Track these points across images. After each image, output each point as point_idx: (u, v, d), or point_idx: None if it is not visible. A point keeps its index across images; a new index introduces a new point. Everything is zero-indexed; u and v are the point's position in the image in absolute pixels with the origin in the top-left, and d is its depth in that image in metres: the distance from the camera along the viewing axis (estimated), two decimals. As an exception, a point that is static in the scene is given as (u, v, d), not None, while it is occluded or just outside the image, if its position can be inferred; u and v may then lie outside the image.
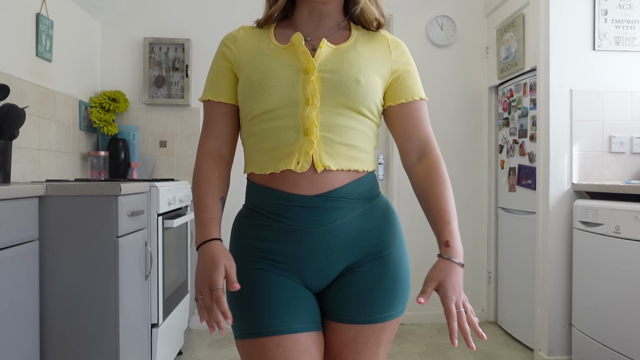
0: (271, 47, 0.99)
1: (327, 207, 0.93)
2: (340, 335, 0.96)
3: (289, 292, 0.93)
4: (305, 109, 0.93)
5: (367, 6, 1.00)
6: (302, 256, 0.94)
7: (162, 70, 3.15)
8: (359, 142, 0.96)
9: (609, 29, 2.53)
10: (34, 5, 2.33)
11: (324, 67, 0.94)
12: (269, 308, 0.91)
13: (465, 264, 3.35)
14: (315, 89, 0.93)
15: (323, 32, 1.01)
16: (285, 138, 0.93)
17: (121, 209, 1.71)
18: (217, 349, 2.81)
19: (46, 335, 1.64)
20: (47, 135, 2.46)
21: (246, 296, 0.93)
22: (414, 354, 2.73)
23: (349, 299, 0.95)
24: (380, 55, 1.00)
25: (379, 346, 0.97)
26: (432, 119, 3.31)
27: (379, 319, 0.96)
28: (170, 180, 2.50)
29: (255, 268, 0.95)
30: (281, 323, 0.90)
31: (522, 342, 2.87)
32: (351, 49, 0.99)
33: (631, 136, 2.53)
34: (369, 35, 1.04)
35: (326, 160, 0.93)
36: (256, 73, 0.95)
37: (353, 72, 0.95)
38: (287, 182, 0.93)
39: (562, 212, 2.50)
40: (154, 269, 2.10)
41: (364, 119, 0.97)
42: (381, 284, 0.96)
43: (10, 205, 1.44)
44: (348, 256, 0.95)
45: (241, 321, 0.93)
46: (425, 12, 3.31)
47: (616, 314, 2.10)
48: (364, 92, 0.95)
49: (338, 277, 0.97)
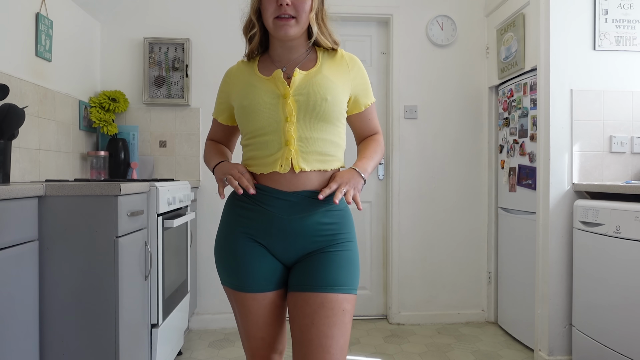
0: (256, 79, 1.27)
1: (297, 202, 1.23)
2: (309, 302, 1.19)
3: (262, 261, 1.25)
4: (285, 125, 1.22)
5: (320, 38, 1.27)
6: (273, 234, 1.24)
7: (162, 70, 3.14)
8: (327, 149, 1.25)
9: (609, 28, 2.53)
10: (34, 5, 2.33)
11: (297, 91, 1.22)
12: (249, 272, 1.25)
13: (465, 264, 3.35)
14: (292, 109, 1.21)
15: (294, 59, 1.28)
16: (271, 148, 1.23)
17: (121, 209, 1.71)
18: (217, 349, 2.80)
19: (46, 335, 1.63)
20: (47, 135, 2.45)
21: (232, 257, 1.27)
22: (414, 354, 2.72)
23: (315, 273, 1.21)
24: (341, 74, 1.28)
25: (345, 314, 1.20)
26: (432, 119, 3.31)
27: (340, 289, 1.20)
28: (170, 180, 2.50)
29: (240, 237, 1.27)
30: (256, 286, 1.25)
31: (523, 342, 2.86)
32: (318, 73, 1.25)
33: (631, 136, 2.53)
34: (330, 55, 1.31)
35: (302, 164, 1.23)
36: (247, 99, 1.25)
37: (321, 92, 1.22)
38: (272, 180, 1.24)
39: (563, 212, 2.50)
40: (154, 269, 2.10)
41: (332, 127, 1.25)
42: (339, 264, 1.22)
43: (10, 206, 1.44)
44: (309, 242, 1.23)
45: (228, 273, 1.28)
46: (425, 12, 3.31)
47: (617, 314, 2.10)
48: (331, 107, 1.23)
49: (305, 256, 1.24)
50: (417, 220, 3.32)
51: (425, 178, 3.32)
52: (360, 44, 3.38)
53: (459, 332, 3.12)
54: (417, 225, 3.32)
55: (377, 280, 3.39)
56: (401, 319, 3.29)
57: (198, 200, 3.17)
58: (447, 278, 3.34)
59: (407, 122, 3.30)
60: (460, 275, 3.35)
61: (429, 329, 3.18)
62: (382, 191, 3.39)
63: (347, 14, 3.25)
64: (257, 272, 1.24)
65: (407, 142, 3.31)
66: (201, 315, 3.18)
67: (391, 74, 3.30)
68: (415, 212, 3.31)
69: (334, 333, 1.17)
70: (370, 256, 3.39)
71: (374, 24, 3.38)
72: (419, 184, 3.31)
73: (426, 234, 3.33)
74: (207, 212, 3.18)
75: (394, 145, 3.29)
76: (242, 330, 1.31)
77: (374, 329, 3.18)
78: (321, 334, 1.17)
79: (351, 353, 2.72)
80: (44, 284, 1.63)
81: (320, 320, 1.17)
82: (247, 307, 1.26)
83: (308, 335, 1.18)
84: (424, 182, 3.32)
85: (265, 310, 1.26)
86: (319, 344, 1.16)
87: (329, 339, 1.17)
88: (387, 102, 3.36)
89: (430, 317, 3.31)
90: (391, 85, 3.30)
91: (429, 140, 3.32)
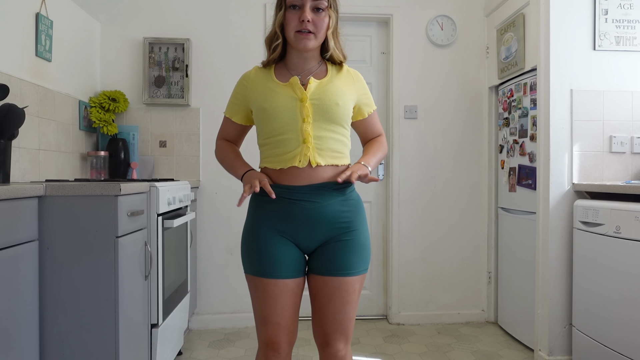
0: (274, 84, 1.43)
1: (316, 193, 1.40)
2: (328, 285, 1.41)
3: (285, 250, 1.41)
4: (302, 125, 1.39)
5: (334, 52, 1.47)
6: (296, 222, 1.40)
7: (162, 70, 3.14)
8: (338, 146, 1.44)
9: (609, 28, 2.53)
10: (34, 5, 2.33)
11: (313, 96, 1.41)
12: (272, 262, 1.39)
13: (465, 264, 3.35)
14: (309, 111, 1.39)
15: (308, 69, 1.46)
16: (290, 146, 1.40)
17: (121, 209, 1.71)
18: (217, 349, 2.80)
19: (46, 335, 1.63)
20: (47, 135, 2.45)
21: (257, 251, 1.42)
22: (414, 354, 2.72)
23: (333, 259, 1.41)
24: (348, 86, 1.48)
25: (355, 292, 1.44)
26: (432, 119, 3.31)
27: (355, 272, 1.42)
28: (170, 180, 2.50)
29: (265, 228, 1.42)
30: (277, 272, 1.40)
31: (523, 342, 2.86)
32: (329, 82, 1.45)
33: (632, 136, 2.53)
34: (338, 69, 1.50)
35: (318, 159, 1.40)
36: (267, 102, 1.41)
37: (333, 98, 1.41)
38: (291, 174, 1.40)
39: (563, 212, 2.50)
40: (154, 269, 2.10)
41: (342, 129, 1.44)
42: (353, 250, 1.42)
43: (10, 206, 1.44)
44: (328, 229, 1.41)
45: (252, 261, 1.42)
46: (425, 12, 3.31)
47: (617, 314, 2.10)
48: (341, 111, 1.42)
49: (323, 244, 1.42)
50: (417, 220, 3.32)
51: (425, 178, 3.32)
52: (360, 44, 3.38)
53: (459, 332, 3.12)
54: (417, 225, 3.32)
55: (377, 280, 3.39)
56: (401, 319, 3.29)
57: (198, 200, 3.17)
58: (447, 278, 3.34)
59: (407, 122, 3.30)
60: (460, 275, 3.35)
61: (429, 329, 3.18)
62: (382, 191, 3.39)
63: (347, 14, 3.25)
64: (280, 260, 1.40)
65: (407, 142, 3.31)
66: (201, 315, 3.18)
67: (391, 74, 3.30)
68: (415, 212, 3.31)
69: (346, 309, 1.43)
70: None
71: (374, 24, 3.38)
72: (419, 184, 3.31)
73: (426, 233, 3.33)
74: (207, 212, 3.18)
75: (394, 145, 3.29)
76: (259, 316, 1.43)
77: (374, 329, 3.18)
78: (336, 310, 1.42)
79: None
80: (44, 284, 1.63)
81: (336, 299, 1.41)
82: (267, 293, 1.40)
83: (325, 310, 1.42)
84: (424, 182, 3.32)
85: (285, 296, 1.40)
86: (334, 318, 1.42)
87: (342, 314, 1.42)
88: (387, 102, 3.36)
89: (430, 317, 3.31)
90: (391, 85, 3.30)
91: (429, 140, 3.32)
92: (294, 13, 1.39)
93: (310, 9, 1.37)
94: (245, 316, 3.20)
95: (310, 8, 1.38)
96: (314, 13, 1.38)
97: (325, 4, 1.39)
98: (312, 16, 1.38)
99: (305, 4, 1.37)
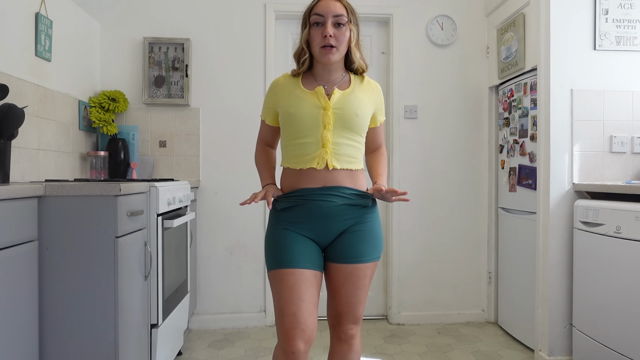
0: (301, 92, 1.56)
1: (331, 194, 1.53)
2: (342, 272, 1.55)
3: (303, 244, 1.53)
4: (323, 131, 1.52)
5: (360, 64, 1.60)
6: (315, 221, 1.53)
7: (162, 70, 3.14)
8: (353, 152, 1.57)
9: (609, 28, 2.52)
10: (33, 4, 2.32)
11: (335, 106, 1.53)
12: (290, 253, 1.51)
13: (465, 264, 3.35)
14: (330, 119, 1.52)
15: (333, 80, 1.59)
16: (310, 149, 1.53)
17: (120, 209, 1.71)
18: (217, 349, 2.80)
19: (45, 335, 1.63)
20: (47, 135, 2.45)
21: (277, 247, 1.54)
22: (414, 354, 2.72)
23: (346, 248, 1.54)
24: (369, 96, 1.61)
25: (366, 278, 1.57)
26: (432, 119, 3.31)
27: (366, 260, 1.55)
28: (169, 180, 2.50)
29: (285, 227, 1.55)
30: (295, 262, 1.50)
31: (523, 343, 2.86)
32: (352, 93, 1.57)
33: (632, 136, 2.53)
34: (359, 80, 1.63)
35: (334, 163, 1.53)
36: (292, 107, 1.54)
37: (353, 109, 1.54)
38: (309, 175, 1.53)
39: (563, 212, 2.49)
40: (154, 269, 2.09)
41: (358, 137, 1.57)
42: (364, 238, 1.55)
43: (10, 206, 1.44)
44: (343, 223, 1.55)
45: (273, 257, 1.54)
46: (426, 12, 3.31)
47: (617, 315, 2.10)
48: (360, 122, 1.55)
49: (338, 236, 1.55)
50: (417, 220, 3.32)
51: (425, 178, 3.32)
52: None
53: (459, 332, 3.11)
54: (417, 225, 3.32)
55: (377, 280, 3.39)
56: (401, 319, 3.29)
57: (198, 200, 3.16)
58: (447, 278, 3.34)
59: (407, 122, 3.30)
60: (460, 275, 3.34)
61: (429, 329, 3.18)
62: (382, 191, 3.39)
63: (347, 13, 3.25)
64: (298, 252, 1.52)
65: (407, 142, 3.30)
66: (201, 315, 3.18)
67: (391, 74, 3.30)
68: (415, 212, 3.31)
69: (358, 293, 1.56)
70: (370, 256, 3.38)
71: (374, 23, 3.38)
72: (419, 184, 3.31)
73: (426, 234, 3.33)
74: (207, 212, 3.18)
75: (394, 145, 3.29)
76: (278, 309, 1.51)
77: (374, 329, 3.18)
78: (348, 294, 1.56)
79: (351, 353, 2.72)
80: (44, 284, 1.63)
81: (349, 284, 1.55)
82: (285, 282, 1.49)
83: (339, 294, 1.57)
84: (424, 182, 3.32)
85: (301, 285, 1.48)
86: (347, 302, 1.56)
87: (354, 297, 1.56)
88: (387, 102, 3.36)
89: (430, 317, 3.31)
90: (391, 85, 3.30)
91: (429, 140, 3.32)
92: (317, 30, 1.52)
93: (331, 25, 1.51)
94: (245, 316, 3.20)
95: (332, 24, 1.51)
96: (335, 28, 1.51)
97: (345, 19, 1.52)
98: (333, 31, 1.50)
99: (327, 21, 1.51)
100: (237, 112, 3.19)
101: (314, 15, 1.52)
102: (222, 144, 3.20)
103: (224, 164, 3.19)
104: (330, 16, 1.51)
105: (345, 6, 1.54)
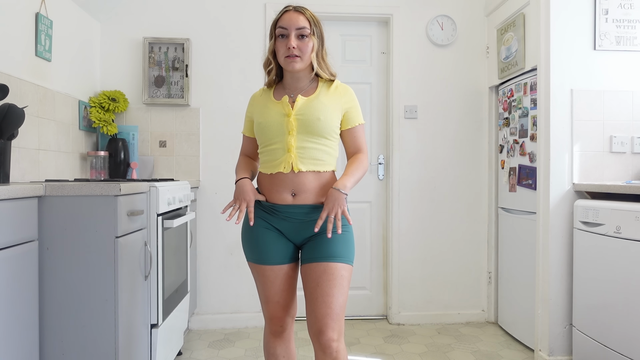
0: (271, 102, 1.68)
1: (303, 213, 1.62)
2: (315, 270, 1.57)
3: (277, 240, 1.64)
4: (287, 137, 1.61)
5: (319, 71, 1.66)
6: (283, 219, 1.63)
7: (162, 70, 3.14)
8: (319, 155, 1.63)
9: (609, 28, 2.52)
10: (34, 4, 2.32)
11: (298, 112, 1.62)
12: (267, 250, 1.64)
13: (465, 264, 3.35)
14: (293, 125, 1.60)
15: (300, 88, 1.68)
16: (277, 154, 1.62)
17: (120, 209, 1.71)
18: (217, 349, 2.80)
19: (45, 335, 1.63)
20: (47, 135, 2.45)
21: (254, 239, 1.66)
22: (414, 354, 2.72)
23: (319, 248, 1.59)
24: (335, 100, 1.66)
25: (342, 279, 1.56)
26: (432, 119, 3.31)
27: (339, 259, 1.57)
28: (170, 180, 2.50)
29: (261, 227, 1.65)
30: (273, 259, 1.64)
31: (523, 343, 2.86)
32: (315, 99, 1.64)
33: (632, 136, 2.53)
34: (328, 85, 1.69)
35: (300, 166, 1.61)
36: (262, 117, 1.66)
37: (315, 113, 1.61)
38: (279, 179, 1.62)
39: (563, 212, 2.49)
40: (154, 269, 2.09)
41: (325, 140, 1.63)
42: (337, 242, 1.58)
43: (10, 206, 1.44)
44: (311, 226, 1.60)
45: (252, 251, 1.66)
46: (426, 12, 3.31)
47: (617, 315, 2.10)
48: (323, 124, 1.61)
49: (311, 237, 1.61)
50: (417, 220, 3.32)
51: (425, 178, 3.32)
52: (360, 44, 3.38)
53: (459, 332, 3.11)
54: (417, 225, 3.32)
55: (377, 280, 3.39)
56: (401, 319, 3.29)
57: (198, 200, 3.16)
58: (447, 278, 3.34)
59: (407, 122, 3.30)
60: (460, 276, 3.34)
61: (429, 329, 3.18)
62: (382, 191, 3.39)
63: (347, 13, 3.25)
64: (274, 250, 1.63)
65: (407, 142, 3.30)
66: (201, 315, 3.18)
67: (391, 74, 3.30)
68: (415, 212, 3.31)
69: (334, 292, 1.54)
70: (370, 256, 3.39)
71: (374, 23, 3.38)
72: (419, 184, 3.31)
73: (426, 234, 3.33)
74: (207, 212, 3.18)
75: (394, 145, 3.29)
76: (262, 296, 1.68)
77: (374, 329, 3.18)
78: (324, 293, 1.54)
79: (351, 353, 2.72)
80: (44, 284, 1.63)
81: (323, 282, 1.55)
82: (266, 277, 1.65)
83: (314, 294, 1.56)
84: (424, 182, 3.32)
85: (281, 279, 1.64)
86: (323, 301, 1.54)
87: (330, 296, 1.54)
88: (387, 102, 3.36)
89: (430, 317, 3.31)
90: (391, 85, 3.30)
91: (429, 140, 3.32)
92: (282, 41, 1.62)
93: (295, 37, 1.60)
94: (245, 316, 3.20)
95: (295, 36, 1.60)
96: (298, 40, 1.60)
97: (308, 31, 1.61)
98: (297, 42, 1.60)
99: (290, 33, 1.60)
100: (237, 112, 3.19)
101: (279, 28, 1.62)
102: (222, 144, 3.20)
103: (224, 163, 3.19)
104: (293, 29, 1.59)
105: (308, 19, 1.62)
